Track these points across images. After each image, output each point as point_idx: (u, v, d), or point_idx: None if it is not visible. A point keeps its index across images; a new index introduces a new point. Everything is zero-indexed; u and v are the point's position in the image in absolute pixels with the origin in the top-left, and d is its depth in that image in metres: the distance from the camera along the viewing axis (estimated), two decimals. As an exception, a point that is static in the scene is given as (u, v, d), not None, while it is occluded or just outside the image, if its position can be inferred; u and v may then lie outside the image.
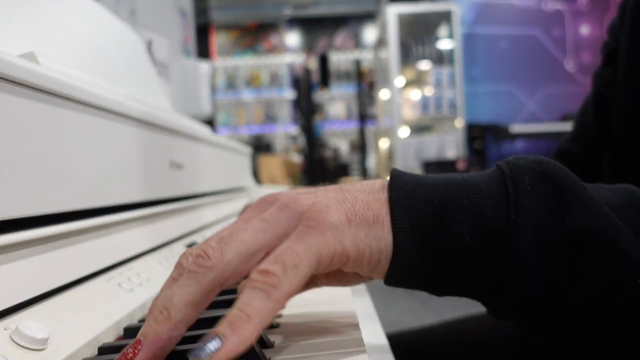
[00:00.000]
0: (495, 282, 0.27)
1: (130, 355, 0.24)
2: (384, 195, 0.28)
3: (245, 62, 6.89)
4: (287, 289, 0.24)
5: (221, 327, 0.23)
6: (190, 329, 0.26)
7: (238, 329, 0.23)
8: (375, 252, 0.27)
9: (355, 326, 0.32)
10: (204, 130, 0.80)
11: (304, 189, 0.30)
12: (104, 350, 0.30)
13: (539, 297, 0.27)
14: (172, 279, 0.27)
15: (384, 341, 0.39)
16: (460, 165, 3.46)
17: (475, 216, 0.27)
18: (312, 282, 0.33)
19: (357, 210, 0.27)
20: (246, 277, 0.26)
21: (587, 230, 0.26)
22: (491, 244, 0.26)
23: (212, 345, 0.22)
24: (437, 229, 0.27)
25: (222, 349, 0.22)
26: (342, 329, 0.31)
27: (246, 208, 0.57)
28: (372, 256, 0.27)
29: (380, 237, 0.27)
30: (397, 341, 0.60)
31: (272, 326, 0.33)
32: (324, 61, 4.88)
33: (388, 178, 0.29)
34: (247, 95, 6.85)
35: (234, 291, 0.33)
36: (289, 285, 0.24)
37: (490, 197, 0.27)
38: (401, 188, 0.28)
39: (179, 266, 0.27)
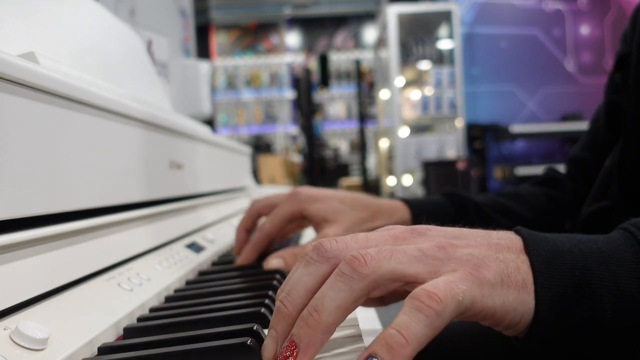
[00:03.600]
0: (637, 355, 0.27)
1: (291, 359, 0.25)
2: (526, 259, 0.29)
3: (245, 62, 6.88)
4: (446, 320, 0.24)
5: (378, 348, 0.23)
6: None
7: (395, 353, 0.23)
8: (518, 315, 0.28)
9: (355, 326, 0.32)
10: (204, 130, 0.80)
11: (451, 229, 0.31)
12: (104, 350, 0.30)
13: None
14: (313, 261, 0.28)
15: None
16: (461, 166, 3.45)
17: (617, 289, 0.27)
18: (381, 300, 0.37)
19: (510, 272, 0.28)
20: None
21: None
22: (634, 316, 0.27)
23: None
24: (579, 300, 0.27)
25: None
26: (342, 329, 0.31)
27: (254, 204, 0.57)
28: (513, 318, 0.28)
29: (524, 302, 0.28)
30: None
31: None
32: (324, 61, 4.88)
33: (520, 237, 0.30)
34: (247, 95, 6.85)
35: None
36: (449, 316, 0.24)
37: (632, 269, 0.28)
38: (542, 256, 0.29)
39: (319, 247, 0.28)
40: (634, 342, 0.27)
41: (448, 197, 0.62)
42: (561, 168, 0.70)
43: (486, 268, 0.27)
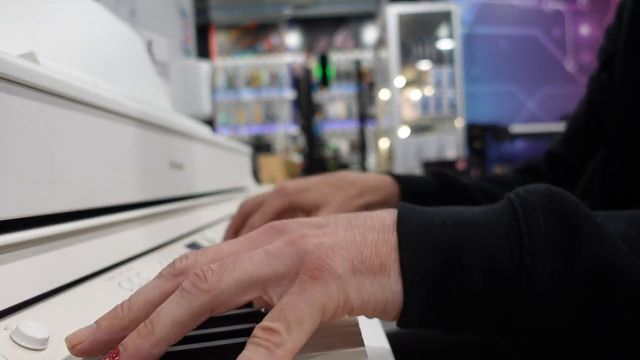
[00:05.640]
0: (509, 324, 0.27)
1: None
2: (393, 237, 0.27)
3: (245, 62, 6.89)
4: (290, 347, 0.24)
5: None
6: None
7: None
8: (380, 301, 0.27)
9: (355, 326, 0.32)
10: (204, 130, 0.80)
11: (314, 219, 0.30)
12: (104, 350, 0.30)
13: (553, 338, 0.26)
14: (161, 276, 0.28)
15: (384, 341, 0.39)
16: (460, 166, 3.46)
17: (488, 260, 0.26)
18: None
19: (364, 256, 0.27)
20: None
21: (602, 270, 0.25)
22: (505, 288, 0.26)
23: None
24: (449, 275, 0.26)
25: None
26: (342, 328, 0.31)
27: (242, 204, 0.57)
28: (377, 305, 0.27)
29: (386, 287, 0.26)
30: (397, 341, 0.60)
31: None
32: (324, 61, 4.88)
33: (396, 213, 0.29)
34: (247, 95, 6.85)
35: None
36: (292, 343, 0.24)
37: (503, 238, 0.26)
38: (410, 231, 0.27)
39: (171, 265, 0.28)
40: (507, 314, 0.26)
41: (436, 177, 0.63)
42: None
43: (333, 258, 0.26)
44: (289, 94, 6.73)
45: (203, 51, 6.08)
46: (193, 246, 0.57)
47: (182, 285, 0.25)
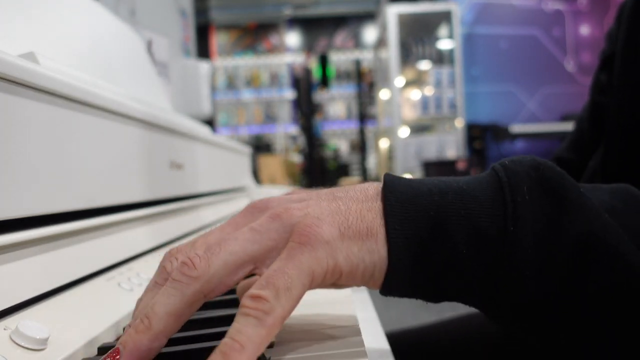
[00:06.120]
0: (492, 292, 0.27)
1: None
2: (377, 205, 0.28)
3: (245, 62, 6.89)
4: (280, 314, 0.23)
5: (214, 358, 0.22)
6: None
7: (231, 358, 0.22)
8: (369, 265, 0.27)
9: (355, 326, 0.32)
10: (204, 130, 0.80)
11: (295, 194, 0.30)
12: (104, 350, 0.30)
13: (537, 306, 0.26)
14: (155, 283, 0.28)
15: (384, 341, 0.39)
16: (460, 165, 3.46)
17: (472, 227, 0.26)
18: None
19: (350, 222, 0.27)
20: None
21: (586, 239, 0.26)
22: (488, 255, 0.26)
23: None
24: (434, 241, 0.26)
25: None
26: (342, 329, 0.31)
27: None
28: (365, 270, 0.27)
29: (373, 251, 0.26)
30: (397, 341, 0.60)
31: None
32: (324, 61, 4.88)
33: (382, 184, 0.29)
34: (247, 95, 6.85)
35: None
36: (282, 310, 0.24)
37: (487, 206, 0.27)
38: (396, 198, 0.27)
39: (162, 270, 0.28)
40: (490, 280, 0.26)
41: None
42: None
43: (319, 225, 0.26)
44: (289, 94, 6.73)
45: (203, 51, 6.08)
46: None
47: (172, 275, 0.25)
